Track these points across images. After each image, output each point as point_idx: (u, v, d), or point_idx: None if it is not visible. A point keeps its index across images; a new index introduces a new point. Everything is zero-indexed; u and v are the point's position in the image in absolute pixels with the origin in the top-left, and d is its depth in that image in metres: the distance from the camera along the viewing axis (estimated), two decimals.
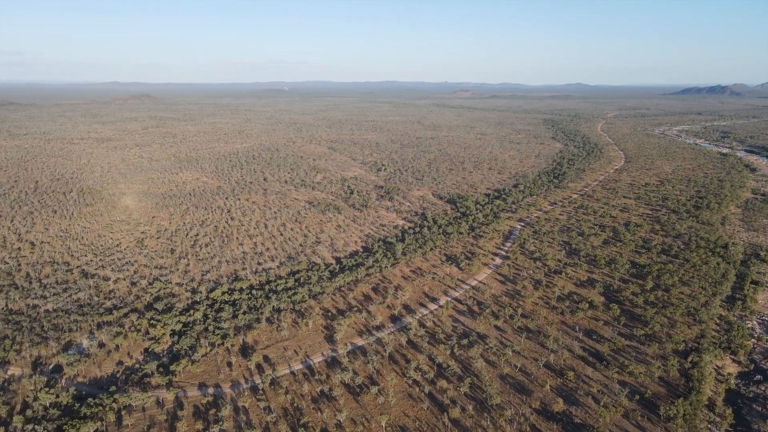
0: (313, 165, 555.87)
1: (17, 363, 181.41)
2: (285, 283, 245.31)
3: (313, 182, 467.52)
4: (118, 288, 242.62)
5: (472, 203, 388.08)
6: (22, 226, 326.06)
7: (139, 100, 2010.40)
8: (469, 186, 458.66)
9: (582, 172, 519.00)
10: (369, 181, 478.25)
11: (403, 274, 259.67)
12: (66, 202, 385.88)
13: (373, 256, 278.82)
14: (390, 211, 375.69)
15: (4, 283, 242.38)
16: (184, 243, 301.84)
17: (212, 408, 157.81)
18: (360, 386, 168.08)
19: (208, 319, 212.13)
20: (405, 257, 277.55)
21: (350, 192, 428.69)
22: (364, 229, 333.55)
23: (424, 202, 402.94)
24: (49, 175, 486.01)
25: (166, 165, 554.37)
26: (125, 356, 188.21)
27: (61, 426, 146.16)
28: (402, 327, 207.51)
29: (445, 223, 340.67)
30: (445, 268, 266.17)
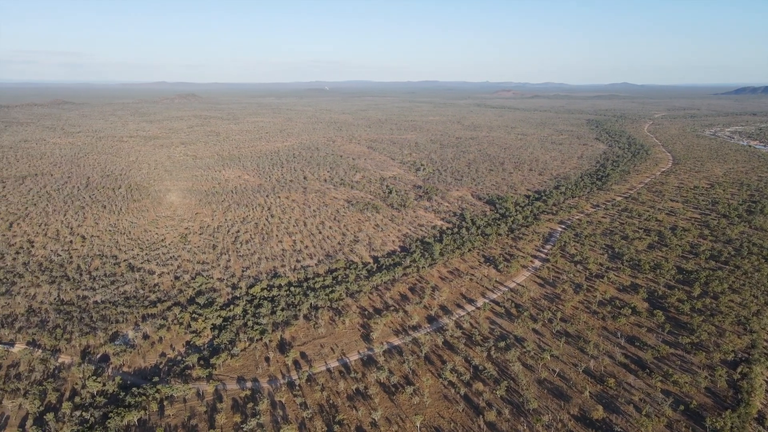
0: (353, 164, 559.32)
1: (67, 351, 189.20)
2: (323, 281, 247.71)
3: (352, 181, 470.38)
4: (163, 282, 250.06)
5: (511, 204, 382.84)
6: (74, 220, 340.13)
7: (185, 100, 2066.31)
8: (508, 187, 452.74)
9: (627, 174, 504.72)
10: (407, 181, 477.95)
11: (440, 274, 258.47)
12: (115, 198, 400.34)
13: (410, 255, 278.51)
14: (428, 211, 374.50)
15: (56, 274, 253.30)
16: (226, 239, 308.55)
17: (250, 402, 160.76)
18: (395, 386, 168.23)
19: (248, 314, 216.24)
20: (443, 258, 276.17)
21: (389, 191, 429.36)
22: (402, 229, 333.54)
23: (462, 202, 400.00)
24: (99, 172, 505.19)
25: (210, 163, 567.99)
26: (168, 348, 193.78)
27: (107, 414, 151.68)
28: (438, 327, 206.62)
29: (483, 224, 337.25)
30: (483, 269, 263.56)
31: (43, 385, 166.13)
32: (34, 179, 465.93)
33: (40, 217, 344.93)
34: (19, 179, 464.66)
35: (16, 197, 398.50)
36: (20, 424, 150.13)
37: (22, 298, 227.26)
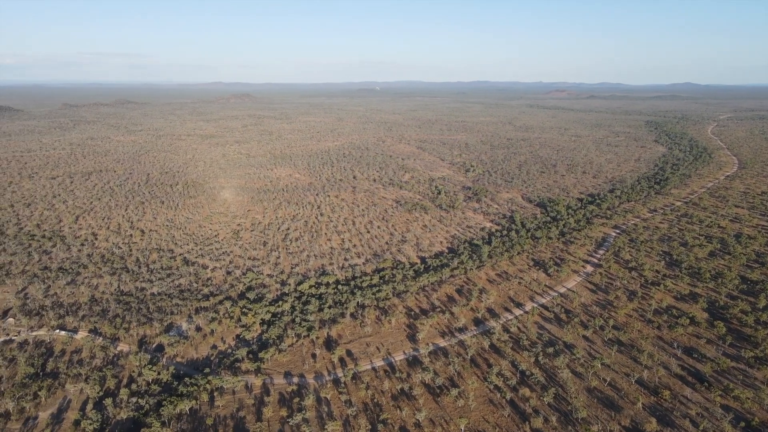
0: (402, 164, 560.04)
1: (125, 340, 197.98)
2: (370, 280, 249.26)
3: (401, 181, 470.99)
4: (215, 276, 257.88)
5: (563, 207, 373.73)
6: (134, 214, 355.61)
7: (240, 100, 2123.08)
8: (560, 190, 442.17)
9: (687, 178, 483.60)
10: (457, 182, 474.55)
11: (488, 277, 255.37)
12: (172, 194, 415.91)
13: (458, 257, 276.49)
14: (477, 213, 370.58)
15: (117, 266, 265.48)
16: (276, 236, 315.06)
17: (296, 397, 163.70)
18: (440, 387, 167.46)
19: (296, 310, 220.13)
20: (491, 260, 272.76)
21: (437, 192, 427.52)
22: (450, 230, 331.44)
23: (512, 204, 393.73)
24: (158, 169, 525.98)
25: (262, 161, 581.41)
26: (219, 341, 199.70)
27: (161, 401, 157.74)
28: (485, 331, 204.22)
29: (533, 227, 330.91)
30: (532, 273, 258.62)
31: (103, 372, 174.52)
32: (99, 175, 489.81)
33: (104, 211, 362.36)
34: (85, 175, 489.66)
35: (83, 192, 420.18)
36: (81, 408, 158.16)
37: (85, 288, 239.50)
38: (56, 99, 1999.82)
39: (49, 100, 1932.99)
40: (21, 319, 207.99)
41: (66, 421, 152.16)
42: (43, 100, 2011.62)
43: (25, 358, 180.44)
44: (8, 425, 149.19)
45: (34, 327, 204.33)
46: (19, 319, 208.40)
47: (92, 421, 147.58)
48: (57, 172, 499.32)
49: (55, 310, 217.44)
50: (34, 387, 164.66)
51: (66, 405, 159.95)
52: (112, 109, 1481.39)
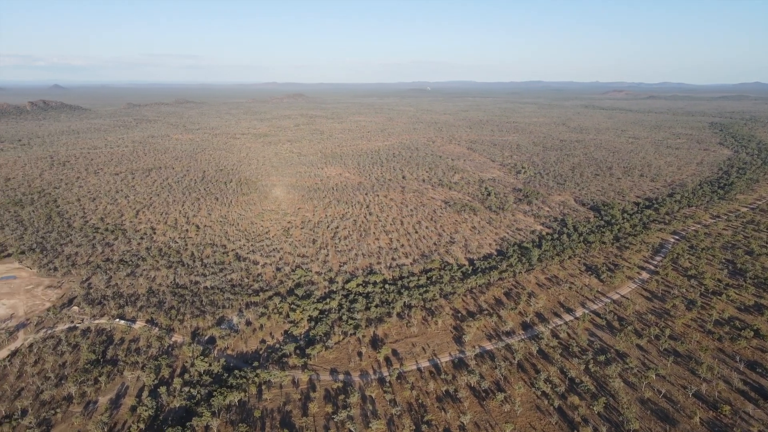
0: (452, 165, 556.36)
1: (180, 331, 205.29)
2: (417, 280, 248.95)
3: (451, 182, 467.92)
4: (265, 272, 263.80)
5: (618, 212, 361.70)
6: (190, 210, 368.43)
7: (292, 99, 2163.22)
8: (616, 193, 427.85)
9: (755, 182, 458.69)
10: (507, 184, 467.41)
11: (537, 281, 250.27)
12: (226, 191, 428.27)
13: (507, 260, 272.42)
14: (527, 215, 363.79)
15: (173, 260, 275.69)
16: (325, 234, 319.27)
17: (341, 394, 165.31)
18: (486, 391, 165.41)
19: (343, 308, 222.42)
20: (541, 264, 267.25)
21: (487, 193, 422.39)
22: (500, 232, 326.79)
23: (564, 207, 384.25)
24: (214, 166, 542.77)
25: (313, 160, 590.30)
26: (268, 336, 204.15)
27: (212, 392, 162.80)
28: (533, 335, 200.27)
29: (586, 231, 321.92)
30: (583, 278, 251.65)
31: (158, 361, 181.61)
32: (158, 172, 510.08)
33: (162, 207, 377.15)
34: (145, 171, 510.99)
35: (143, 187, 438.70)
36: (137, 395, 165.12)
37: (144, 280, 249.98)
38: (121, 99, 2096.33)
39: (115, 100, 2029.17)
40: (84, 308, 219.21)
41: (123, 406, 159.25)
42: (109, 99, 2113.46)
43: (88, 345, 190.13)
44: (71, 408, 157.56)
45: (96, 315, 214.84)
46: (82, 308, 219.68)
47: (147, 407, 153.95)
48: (120, 169, 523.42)
49: (115, 300, 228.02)
50: (95, 373, 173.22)
51: (124, 391, 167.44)
52: (172, 109, 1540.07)
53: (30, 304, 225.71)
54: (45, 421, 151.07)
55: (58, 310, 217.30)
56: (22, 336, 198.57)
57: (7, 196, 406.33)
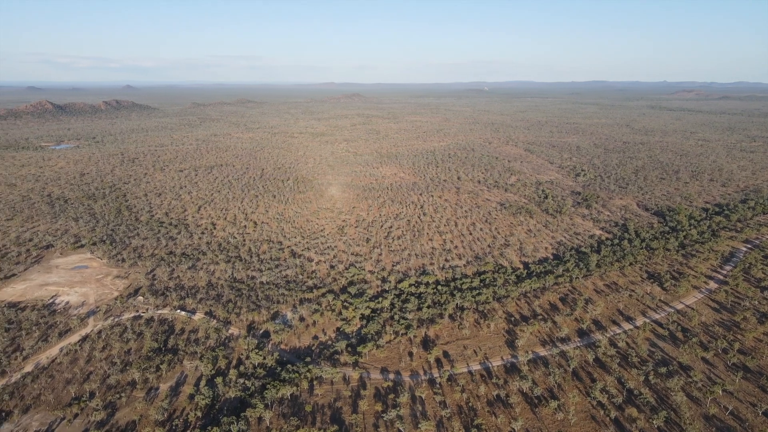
0: (508, 166, 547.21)
1: (236, 324, 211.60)
2: (470, 282, 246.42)
3: (507, 184, 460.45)
4: (319, 269, 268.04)
5: (684, 218, 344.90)
6: (248, 207, 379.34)
7: (350, 99, 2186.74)
8: (682, 198, 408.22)
9: None
10: (565, 186, 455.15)
11: (595, 287, 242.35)
12: (283, 189, 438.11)
13: (563, 264, 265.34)
14: (586, 219, 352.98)
15: (232, 255, 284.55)
16: (379, 234, 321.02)
17: (391, 393, 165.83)
18: (538, 398, 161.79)
19: (395, 308, 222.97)
20: (599, 270, 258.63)
21: (544, 196, 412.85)
22: (556, 236, 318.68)
23: (626, 212, 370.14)
24: (272, 164, 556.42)
25: (369, 159, 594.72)
26: (320, 332, 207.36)
27: (265, 385, 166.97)
28: (590, 343, 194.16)
29: (649, 237, 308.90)
30: (645, 286, 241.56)
31: (216, 352, 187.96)
32: (220, 169, 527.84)
33: (222, 203, 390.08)
34: (208, 168, 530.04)
35: (205, 184, 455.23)
36: (195, 383, 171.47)
37: (204, 273, 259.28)
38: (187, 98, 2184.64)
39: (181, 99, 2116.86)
40: (149, 298, 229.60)
41: (182, 394, 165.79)
42: (175, 99, 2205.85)
43: (151, 334, 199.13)
44: (134, 393, 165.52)
45: (159, 306, 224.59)
46: (147, 298, 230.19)
47: (205, 396, 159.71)
48: (184, 165, 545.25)
49: (177, 291, 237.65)
50: (157, 360, 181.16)
51: (183, 379, 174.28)
52: (234, 108, 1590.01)
53: (100, 293, 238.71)
54: (110, 405, 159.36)
55: (124, 299, 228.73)
56: (92, 322, 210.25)
57: (81, 190, 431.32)
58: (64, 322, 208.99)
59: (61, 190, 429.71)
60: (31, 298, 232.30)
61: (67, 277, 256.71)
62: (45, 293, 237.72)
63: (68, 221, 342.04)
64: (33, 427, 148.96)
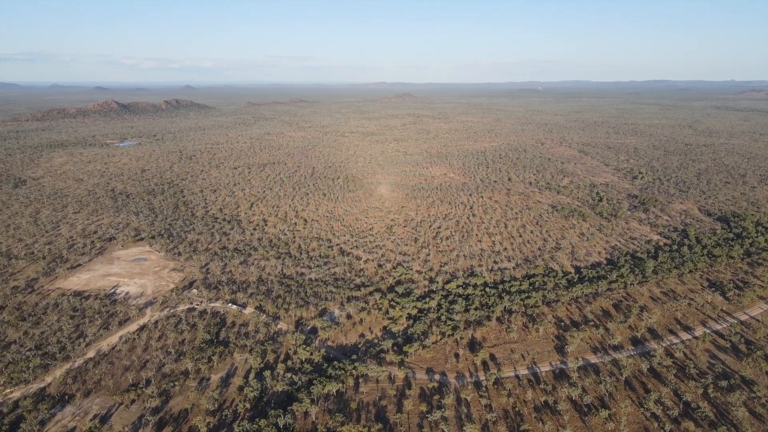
0: (561, 168, 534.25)
1: (285, 319, 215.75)
2: (519, 285, 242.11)
3: (559, 186, 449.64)
4: (367, 268, 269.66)
5: (751, 224, 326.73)
6: (299, 204, 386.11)
7: (400, 99, 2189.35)
8: (749, 203, 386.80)
9: None
10: (621, 189, 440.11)
11: (651, 294, 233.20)
12: (333, 187, 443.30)
13: (617, 270, 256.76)
14: (643, 224, 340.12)
15: (282, 251, 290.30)
16: (427, 234, 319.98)
17: (436, 394, 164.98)
18: (588, 406, 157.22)
19: (442, 308, 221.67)
20: (656, 276, 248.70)
21: (599, 199, 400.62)
22: (611, 240, 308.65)
23: (686, 217, 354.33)
24: (323, 163, 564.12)
25: (418, 159, 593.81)
26: (367, 330, 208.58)
27: (312, 380, 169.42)
28: (644, 352, 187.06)
29: (711, 243, 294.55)
30: (705, 294, 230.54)
31: (264, 346, 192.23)
32: (272, 167, 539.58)
33: (274, 200, 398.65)
34: (261, 166, 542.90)
35: (258, 181, 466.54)
36: (245, 376, 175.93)
37: (255, 268, 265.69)
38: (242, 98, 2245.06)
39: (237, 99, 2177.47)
40: (202, 291, 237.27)
41: (232, 386, 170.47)
42: (232, 98, 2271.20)
43: (204, 326, 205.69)
44: (187, 382, 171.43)
45: (212, 299, 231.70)
46: (201, 291, 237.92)
47: (253, 389, 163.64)
48: (238, 163, 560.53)
49: (229, 285, 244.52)
50: (209, 352, 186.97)
51: (233, 371, 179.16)
52: (287, 107, 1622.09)
53: (157, 285, 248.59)
54: (165, 392, 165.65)
55: (180, 291, 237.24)
56: (149, 313, 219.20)
57: (142, 185, 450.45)
58: (123, 312, 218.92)
59: (123, 186, 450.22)
60: (95, 288, 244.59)
61: (128, 268, 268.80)
62: (107, 283, 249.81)
63: (129, 215, 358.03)
64: (93, 411, 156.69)
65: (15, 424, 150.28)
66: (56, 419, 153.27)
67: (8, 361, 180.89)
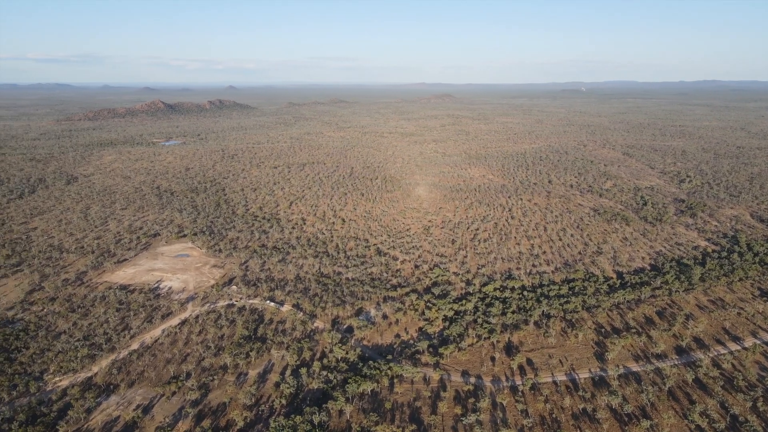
0: (604, 171, 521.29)
1: (321, 318, 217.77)
2: (558, 290, 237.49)
3: (601, 189, 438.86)
4: (404, 269, 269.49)
5: None
6: (337, 204, 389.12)
7: (440, 100, 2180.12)
8: None
9: None
10: (667, 193, 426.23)
11: (698, 302, 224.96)
12: (372, 188, 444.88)
13: (662, 276, 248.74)
14: (690, 229, 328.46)
15: (320, 250, 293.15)
16: (465, 236, 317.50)
17: (471, 397, 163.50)
18: (629, 415, 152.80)
19: (478, 311, 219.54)
20: (703, 284, 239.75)
21: (643, 203, 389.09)
22: (655, 246, 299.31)
23: (737, 223, 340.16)
24: (361, 163, 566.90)
25: (457, 160, 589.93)
26: (402, 331, 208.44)
27: (347, 379, 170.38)
28: (689, 362, 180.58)
29: (764, 251, 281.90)
30: (757, 304, 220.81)
31: (301, 343, 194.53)
32: (311, 166, 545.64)
33: (312, 200, 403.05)
34: (300, 166, 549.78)
35: (297, 181, 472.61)
36: (281, 372, 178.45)
37: (293, 267, 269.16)
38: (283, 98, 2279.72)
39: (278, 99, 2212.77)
40: (241, 288, 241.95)
41: (269, 382, 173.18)
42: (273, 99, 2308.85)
43: (242, 322, 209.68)
44: (225, 377, 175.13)
45: (251, 296, 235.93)
46: (240, 288, 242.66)
47: (289, 385, 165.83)
48: (278, 162, 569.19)
49: (267, 283, 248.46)
50: (247, 347, 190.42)
51: (270, 367, 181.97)
52: (327, 108, 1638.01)
53: (198, 280, 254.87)
54: (204, 386, 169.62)
55: (220, 287, 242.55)
56: (190, 308, 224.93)
57: (186, 183, 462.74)
58: (166, 306, 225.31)
59: (168, 183, 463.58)
60: (139, 282, 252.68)
61: (171, 264, 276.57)
62: (151, 278, 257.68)
63: (173, 212, 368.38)
64: (136, 401, 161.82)
65: (63, 411, 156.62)
66: (101, 408, 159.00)
67: (58, 351, 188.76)
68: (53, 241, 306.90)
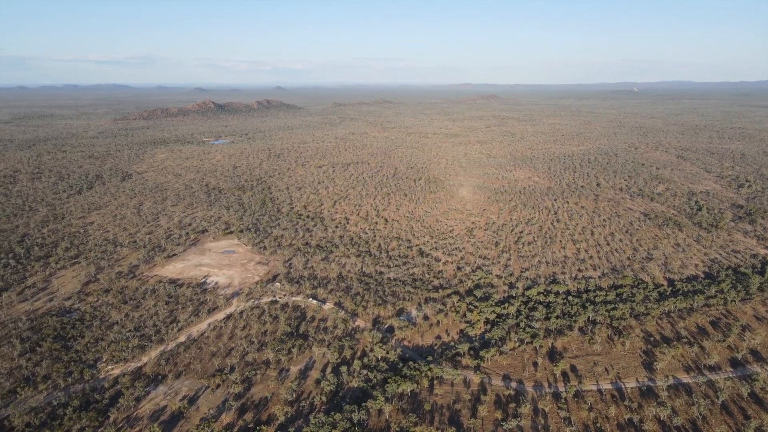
0: (656, 174, 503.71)
1: (362, 317, 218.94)
2: (605, 296, 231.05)
3: (653, 192, 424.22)
4: (446, 270, 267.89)
5: None
6: (380, 204, 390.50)
7: (486, 101, 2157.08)
8: None
9: None
10: (724, 198, 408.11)
11: (756, 312, 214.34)
12: (415, 188, 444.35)
13: (717, 284, 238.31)
14: (749, 236, 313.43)
15: (362, 249, 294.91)
16: (509, 238, 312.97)
17: (512, 402, 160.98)
18: (678, 428, 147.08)
19: (521, 315, 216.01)
20: (762, 294, 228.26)
21: (698, 208, 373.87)
22: (710, 253, 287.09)
23: None
24: (405, 164, 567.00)
25: (502, 162, 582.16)
26: (443, 332, 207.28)
27: (387, 379, 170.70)
28: (745, 375, 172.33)
29: None
30: None
31: (342, 342, 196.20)
32: (355, 166, 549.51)
33: (356, 199, 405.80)
34: (345, 165, 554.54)
35: (341, 180, 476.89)
36: (322, 369, 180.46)
37: (335, 265, 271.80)
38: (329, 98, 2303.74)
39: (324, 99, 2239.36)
40: (285, 285, 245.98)
41: (310, 378, 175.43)
42: (319, 99, 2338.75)
43: (285, 319, 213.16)
44: (267, 372, 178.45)
45: (294, 293, 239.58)
46: (283, 285, 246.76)
47: (330, 383, 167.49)
48: (323, 162, 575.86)
49: (310, 281, 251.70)
50: (289, 344, 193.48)
51: (311, 364, 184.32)
52: (372, 108, 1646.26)
53: (243, 277, 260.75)
54: (247, 380, 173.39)
55: (264, 284, 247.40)
56: (235, 303, 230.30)
57: (233, 182, 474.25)
58: (212, 301, 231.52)
59: (216, 181, 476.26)
60: (188, 277, 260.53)
61: (217, 259, 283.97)
62: (199, 273, 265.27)
63: (221, 209, 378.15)
64: (182, 392, 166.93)
65: (114, 398, 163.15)
66: (150, 397, 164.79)
67: (111, 341, 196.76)
68: (108, 235, 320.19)
